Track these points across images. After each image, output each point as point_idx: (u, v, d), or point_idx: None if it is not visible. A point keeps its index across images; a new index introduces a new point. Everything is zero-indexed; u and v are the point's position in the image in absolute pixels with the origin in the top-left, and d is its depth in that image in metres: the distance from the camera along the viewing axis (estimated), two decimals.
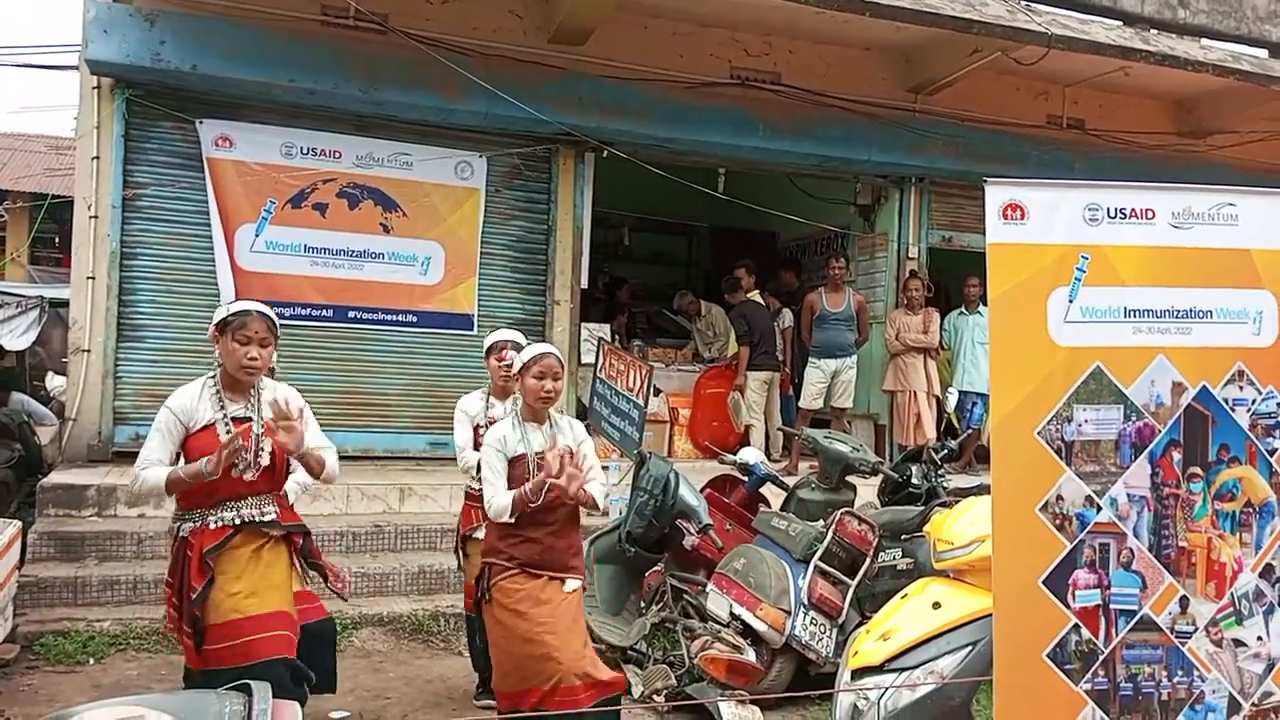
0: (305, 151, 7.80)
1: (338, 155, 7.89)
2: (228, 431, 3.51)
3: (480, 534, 4.80)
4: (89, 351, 7.38)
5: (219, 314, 3.63)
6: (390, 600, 6.25)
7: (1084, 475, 2.87)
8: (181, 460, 3.56)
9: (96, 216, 7.39)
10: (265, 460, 3.59)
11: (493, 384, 4.98)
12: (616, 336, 9.86)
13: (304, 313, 7.72)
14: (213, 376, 3.63)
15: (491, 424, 4.38)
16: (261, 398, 3.65)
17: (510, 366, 4.84)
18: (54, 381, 9.57)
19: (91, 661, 5.32)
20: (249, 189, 7.65)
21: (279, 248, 7.75)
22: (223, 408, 3.56)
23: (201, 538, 3.50)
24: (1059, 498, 2.86)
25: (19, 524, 5.66)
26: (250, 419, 3.58)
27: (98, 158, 7.38)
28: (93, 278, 7.38)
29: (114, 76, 7.34)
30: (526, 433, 3.95)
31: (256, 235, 7.66)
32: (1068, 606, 2.85)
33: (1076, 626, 2.86)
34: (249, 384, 3.63)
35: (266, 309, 3.66)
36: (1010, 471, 2.86)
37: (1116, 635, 2.89)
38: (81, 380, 7.37)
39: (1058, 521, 2.85)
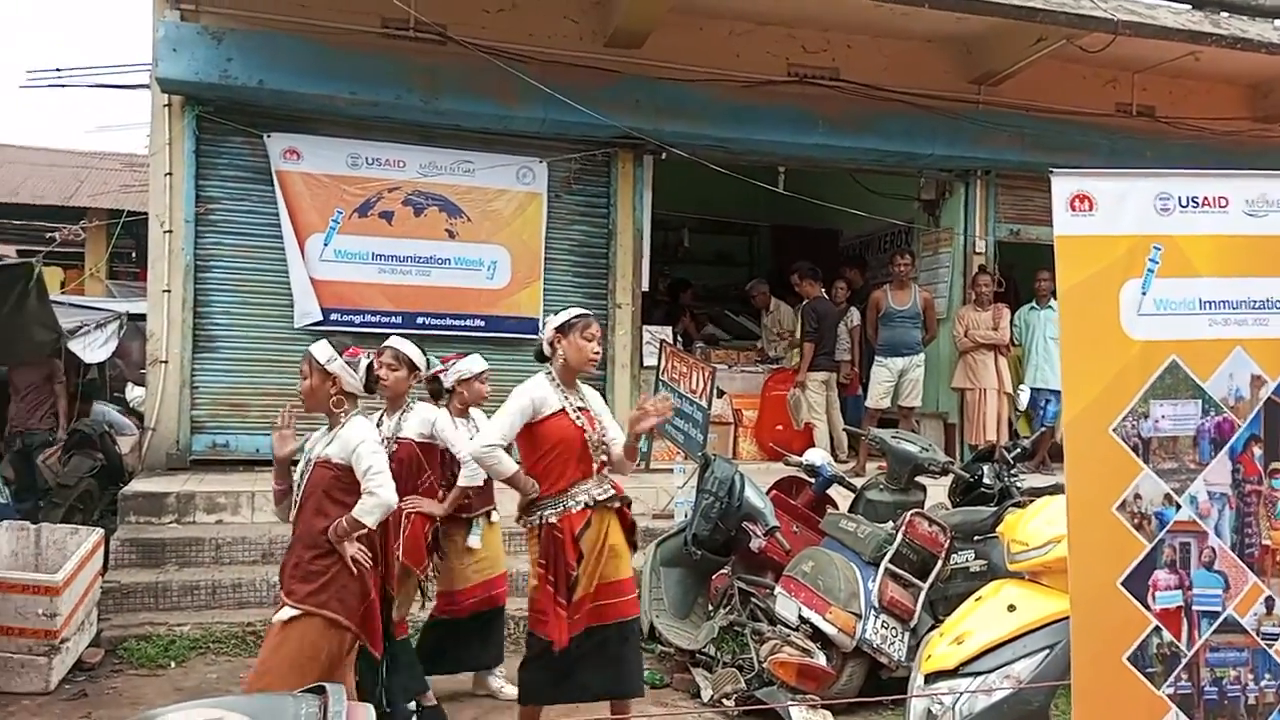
0: (370, 162, 7.93)
1: (402, 165, 7.99)
2: (577, 416, 4.14)
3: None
4: (166, 362, 7.56)
5: (560, 318, 4.23)
6: None
7: (1162, 473, 2.79)
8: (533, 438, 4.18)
9: (170, 231, 7.58)
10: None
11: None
12: (680, 339, 9.83)
13: (374, 320, 7.81)
14: (549, 373, 4.21)
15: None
16: (581, 389, 4.29)
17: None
18: (133, 392, 9.85)
19: (173, 665, 5.46)
20: (317, 200, 7.79)
21: (347, 256, 7.88)
22: (566, 398, 4.15)
23: (570, 520, 4.06)
24: (1136, 496, 2.78)
25: (101, 531, 5.85)
26: (585, 408, 4.21)
27: (170, 174, 7.57)
28: (168, 291, 7.57)
29: (184, 94, 7.52)
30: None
31: (325, 245, 7.80)
32: (1148, 608, 2.77)
33: (1157, 629, 2.78)
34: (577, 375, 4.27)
35: None
36: (1085, 470, 2.79)
37: (1200, 637, 2.80)
38: (160, 391, 7.56)
39: (1136, 521, 2.77)
